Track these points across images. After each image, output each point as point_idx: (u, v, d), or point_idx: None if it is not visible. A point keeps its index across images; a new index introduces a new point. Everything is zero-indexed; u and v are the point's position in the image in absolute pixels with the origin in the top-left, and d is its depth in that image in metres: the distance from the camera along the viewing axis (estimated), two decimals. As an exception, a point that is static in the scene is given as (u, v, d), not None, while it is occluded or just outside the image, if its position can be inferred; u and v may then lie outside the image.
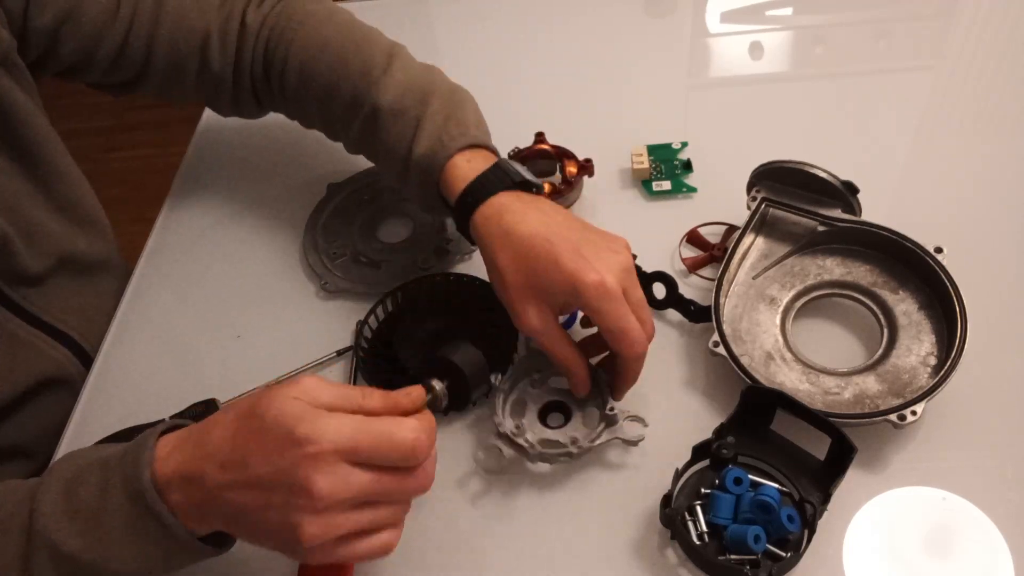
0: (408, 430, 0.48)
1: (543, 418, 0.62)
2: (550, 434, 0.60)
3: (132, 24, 0.72)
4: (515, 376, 0.64)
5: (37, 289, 0.72)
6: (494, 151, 0.67)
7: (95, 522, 0.48)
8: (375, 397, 0.50)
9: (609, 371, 0.62)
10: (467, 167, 0.64)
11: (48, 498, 0.49)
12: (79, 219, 0.76)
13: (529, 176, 0.64)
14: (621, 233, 0.75)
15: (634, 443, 0.60)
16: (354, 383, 0.68)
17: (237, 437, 0.48)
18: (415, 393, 0.53)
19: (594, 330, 0.63)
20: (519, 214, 0.60)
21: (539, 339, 0.59)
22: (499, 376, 0.62)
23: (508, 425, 0.60)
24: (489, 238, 0.61)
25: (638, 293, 0.59)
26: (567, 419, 0.62)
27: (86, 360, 0.75)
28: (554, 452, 0.59)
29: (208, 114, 0.94)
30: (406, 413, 0.51)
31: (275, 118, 0.82)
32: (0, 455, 0.70)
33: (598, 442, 0.59)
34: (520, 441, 0.59)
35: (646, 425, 0.60)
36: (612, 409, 0.59)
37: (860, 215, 0.68)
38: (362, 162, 0.84)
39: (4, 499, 0.51)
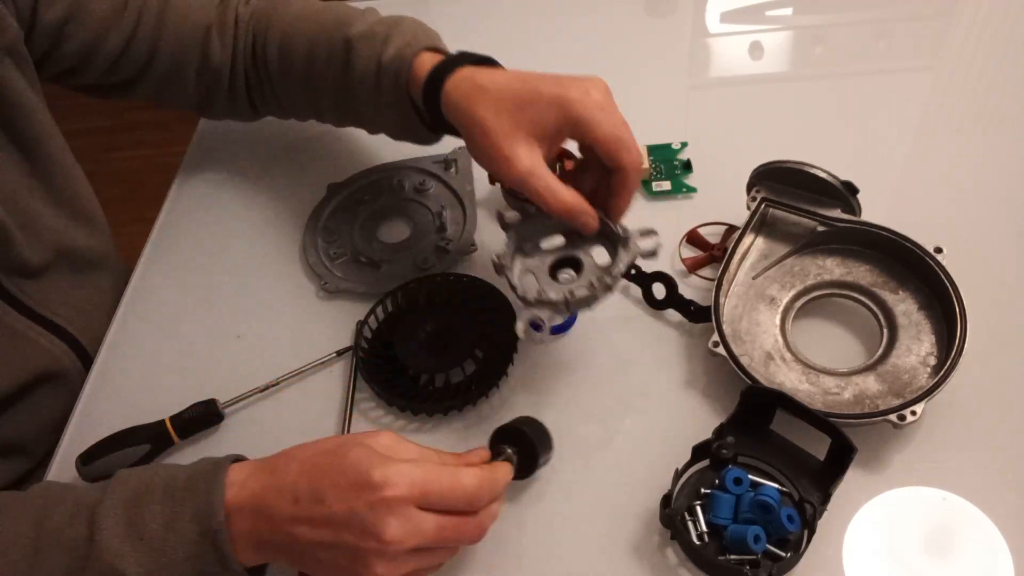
0: (473, 476, 0.50)
1: (555, 279, 0.61)
2: (573, 285, 0.59)
3: (139, 19, 0.73)
4: (511, 252, 0.62)
5: (35, 282, 0.72)
6: None
7: (160, 551, 0.49)
8: (449, 458, 0.53)
9: (603, 201, 0.60)
10: (434, 59, 0.65)
11: (110, 523, 0.50)
12: (77, 214, 0.76)
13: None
14: (621, 233, 0.76)
15: (653, 253, 0.58)
16: (354, 383, 0.68)
17: (314, 473, 0.49)
18: (483, 452, 0.56)
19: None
20: (490, 74, 0.61)
21: (530, 183, 0.57)
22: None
23: (531, 292, 0.59)
24: (464, 99, 0.60)
25: (620, 115, 0.59)
26: (577, 269, 0.61)
27: (82, 355, 0.75)
28: (587, 294, 0.57)
29: (208, 114, 0.94)
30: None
31: (275, 120, 0.82)
32: None
33: (623, 265, 0.58)
34: (551, 297, 0.57)
35: (656, 233, 0.59)
36: (624, 232, 0.59)
37: (860, 215, 0.68)
38: (362, 162, 0.85)
39: (50, 504, 0.52)
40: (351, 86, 0.70)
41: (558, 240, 0.62)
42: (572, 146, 0.79)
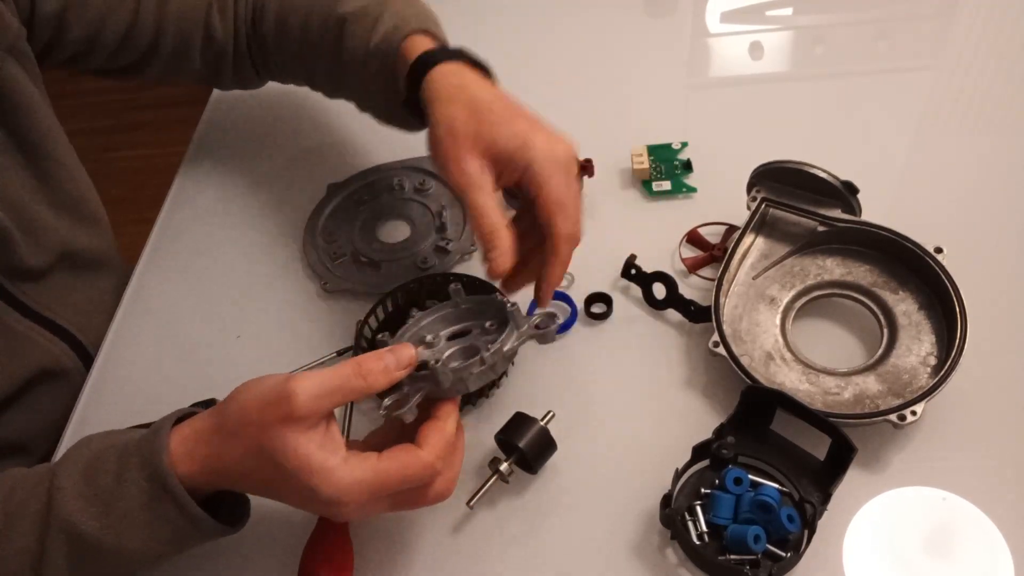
0: (422, 465, 0.49)
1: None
2: (448, 353, 0.57)
3: (140, 2, 0.74)
4: (406, 335, 0.58)
5: (36, 284, 0.72)
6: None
7: (112, 504, 0.50)
8: (370, 374, 0.49)
9: (537, 269, 0.59)
10: (427, 42, 0.65)
11: (68, 481, 0.50)
12: (80, 215, 0.76)
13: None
14: (621, 234, 0.76)
15: (550, 338, 0.55)
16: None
17: (260, 475, 0.50)
18: (404, 356, 0.51)
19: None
20: (480, 82, 0.61)
21: (470, 195, 0.57)
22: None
23: (425, 353, 0.54)
24: (445, 90, 0.61)
25: (577, 185, 0.59)
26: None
27: (83, 355, 0.75)
28: (466, 365, 0.52)
29: (208, 114, 0.94)
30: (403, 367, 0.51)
31: (275, 120, 0.82)
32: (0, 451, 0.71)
33: (508, 344, 0.54)
34: (424, 355, 0.53)
35: (557, 318, 0.56)
36: (512, 305, 0.55)
37: (860, 215, 0.68)
38: (362, 162, 0.85)
39: (16, 485, 0.52)
40: (342, 64, 0.71)
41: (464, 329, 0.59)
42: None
